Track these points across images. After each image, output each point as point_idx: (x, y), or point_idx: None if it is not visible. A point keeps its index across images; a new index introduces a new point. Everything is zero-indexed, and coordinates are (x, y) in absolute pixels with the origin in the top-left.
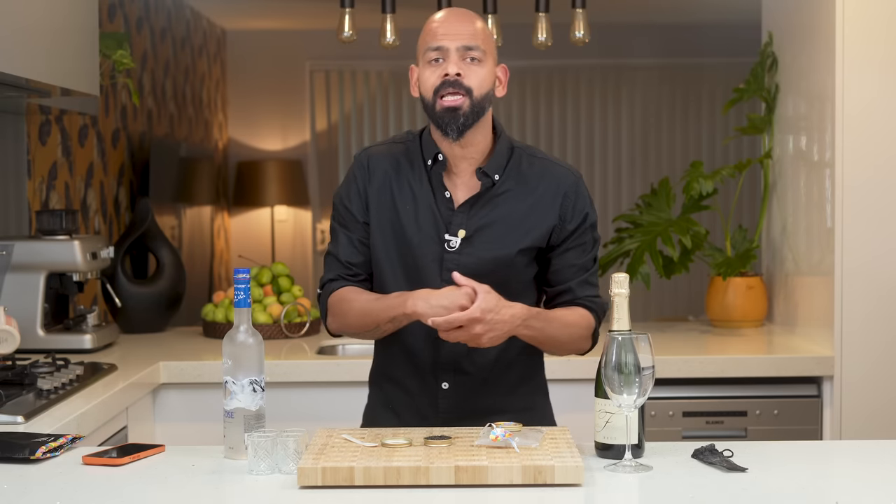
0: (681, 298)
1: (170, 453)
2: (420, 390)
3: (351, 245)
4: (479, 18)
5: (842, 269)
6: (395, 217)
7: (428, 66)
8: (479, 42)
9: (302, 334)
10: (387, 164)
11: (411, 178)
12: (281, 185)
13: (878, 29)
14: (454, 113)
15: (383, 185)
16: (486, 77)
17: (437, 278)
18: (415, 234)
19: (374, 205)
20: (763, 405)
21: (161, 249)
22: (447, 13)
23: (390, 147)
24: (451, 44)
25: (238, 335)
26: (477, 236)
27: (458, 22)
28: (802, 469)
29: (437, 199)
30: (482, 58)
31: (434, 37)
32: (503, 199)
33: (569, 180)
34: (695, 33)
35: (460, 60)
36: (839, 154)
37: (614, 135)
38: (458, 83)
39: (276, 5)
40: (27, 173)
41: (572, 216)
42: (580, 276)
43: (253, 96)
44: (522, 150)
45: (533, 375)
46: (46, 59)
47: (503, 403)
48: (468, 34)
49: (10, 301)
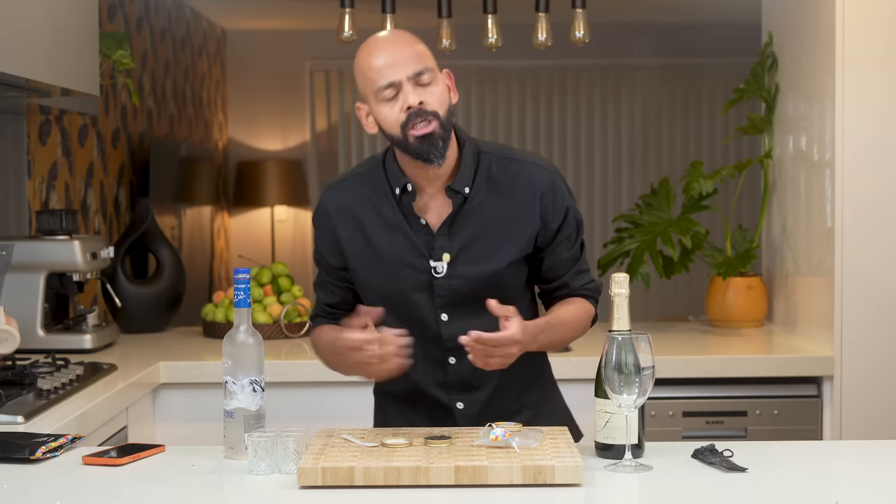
0: (681, 298)
1: (170, 453)
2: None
3: (327, 287)
4: (407, 36)
5: (842, 269)
6: (373, 254)
7: (384, 104)
8: (425, 63)
9: (302, 334)
10: (351, 201)
11: (381, 209)
12: (281, 185)
13: (878, 29)
14: (430, 139)
15: (352, 224)
16: (443, 93)
17: (431, 306)
18: (397, 267)
19: (348, 248)
20: (763, 405)
21: (161, 249)
22: (381, 44)
23: (354, 180)
24: (401, 74)
25: (238, 335)
26: (462, 256)
27: (397, 49)
28: (802, 469)
29: (413, 227)
30: (433, 77)
31: (380, 74)
32: (479, 211)
33: (543, 179)
34: (695, 33)
35: (415, 88)
36: (839, 154)
37: (614, 135)
38: (421, 112)
39: (276, 5)
40: (27, 173)
41: (554, 215)
42: (572, 267)
43: (253, 96)
44: (490, 154)
45: (540, 375)
46: (46, 59)
47: (515, 406)
48: (412, 58)
49: (10, 301)
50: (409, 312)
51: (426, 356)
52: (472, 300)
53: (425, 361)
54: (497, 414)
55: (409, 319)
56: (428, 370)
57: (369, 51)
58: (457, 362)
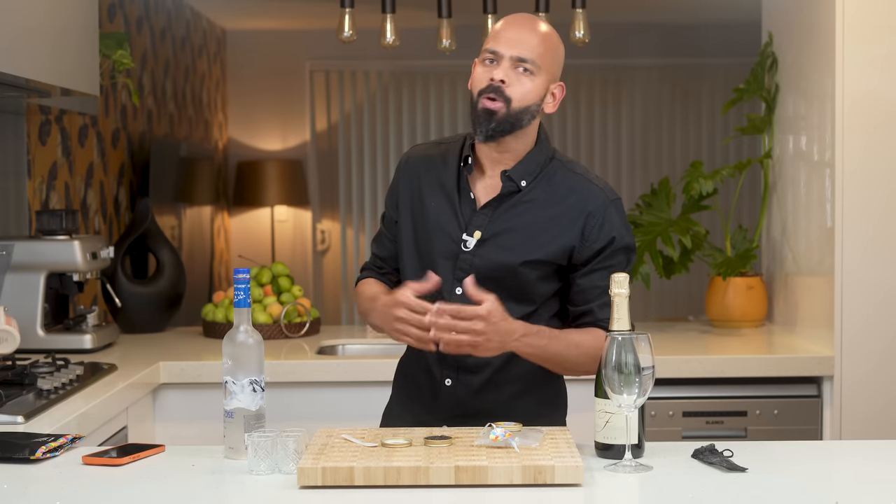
0: (681, 298)
1: (170, 453)
2: (426, 386)
3: (381, 240)
4: (545, 30)
5: (842, 269)
6: (421, 214)
7: (481, 65)
8: (535, 56)
9: (302, 334)
10: (421, 163)
11: (443, 177)
12: (281, 185)
13: (878, 29)
14: (489, 116)
15: (414, 184)
16: (533, 90)
17: (451, 276)
18: (435, 231)
19: (402, 203)
20: (763, 405)
21: (161, 249)
22: (515, 19)
23: (432, 147)
24: (506, 51)
25: (238, 335)
26: (493, 240)
27: (521, 30)
28: (802, 469)
29: (462, 199)
30: (534, 71)
31: (495, 39)
32: (527, 207)
33: (599, 200)
34: (695, 33)
35: (511, 69)
36: (839, 154)
37: (614, 135)
38: (499, 90)
39: (276, 5)
40: (27, 173)
41: (598, 237)
42: (603, 298)
43: (253, 96)
44: (562, 163)
45: (545, 386)
46: (46, 60)
47: (507, 408)
48: (527, 45)
49: (10, 301)
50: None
51: None
52: (488, 284)
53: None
54: (485, 409)
55: None
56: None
57: (508, 20)
58: None
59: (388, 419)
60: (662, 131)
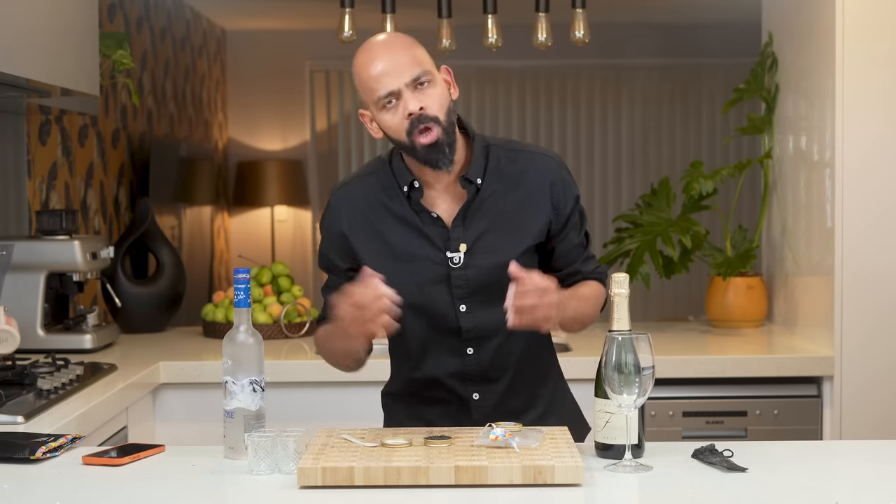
0: (681, 298)
1: (170, 453)
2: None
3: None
4: (399, 40)
5: (842, 269)
6: (388, 250)
7: (385, 111)
8: (422, 66)
9: (302, 334)
10: (359, 199)
11: (392, 207)
12: (281, 185)
13: (878, 29)
14: (437, 147)
15: (364, 224)
16: (443, 94)
17: (449, 297)
18: (412, 261)
19: (360, 247)
20: (763, 405)
21: (161, 249)
22: (378, 50)
23: (362, 181)
24: (399, 82)
25: (238, 335)
26: (477, 246)
27: (393, 56)
28: (802, 469)
29: (425, 221)
30: (430, 78)
31: (379, 83)
32: (491, 203)
33: (552, 168)
34: (695, 33)
35: (414, 92)
36: (839, 154)
37: (614, 135)
38: (423, 117)
39: (276, 5)
40: (27, 173)
41: (566, 202)
42: (583, 253)
43: (253, 96)
44: (498, 147)
45: (551, 366)
46: (47, 60)
47: (532, 399)
48: (409, 64)
49: (10, 301)
50: (425, 305)
51: (444, 347)
52: (488, 290)
53: (443, 353)
54: (512, 407)
55: (425, 312)
56: (446, 361)
57: (366, 59)
58: (475, 352)
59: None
60: (662, 131)
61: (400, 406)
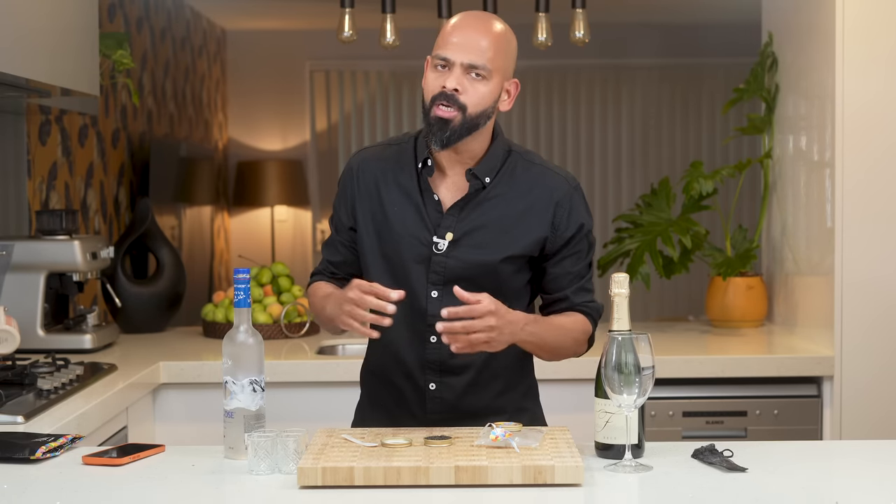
0: (681, 298)
1: (170, 453)
2: (409, 390)
3: (333, 245)
4: (495, 31)
5: (842, 269)
6: (383, 219)
7: (433, 70)
8: (485, 60)
9: (302, 334)
10: (376, 166)
11: (402, 180)
12: (281, 185)
13: (878, 28)
14: (443, 124)
15: (371, 188)
16: (487, 94)
17: (424, 280)
18: (402, 235)
19: (360, 208)
20: (763, 405)
21: (161, 249)
22: (464, 20)
23: (383, 149)
24: (457, 58)
25: (238, 335)
26: (465, 239)
27: (470, 34)
28: (802, 469)
29: (426, 201)
30: (487, 75)
31: (445, 44)
32: (493, 204)
33: (563, 189)
34: (695, 33)
35: (463, 75)
36: (839, 154)
37: (614, 135)
38: (452, 98)
39: (276, 5)
40: (27, 173)
41: (567, 226)
42: (576, 283)
43: (253, 96)
44: (520, 155)
45: (522, 379)
46: (47, 60)
47: (493, 405)
48: (476, 51)
49: (10, 301)
50: (403, 282)
51: (410, 329)
52: (464, 284)
53: (408, 335)
54: (472, 409)
55: (401, 288)
56: (409, 345)
57: (457, 22)
58: (438, 341)
59: (360, 420)
60: (662, 131)
61: (365, 389)
